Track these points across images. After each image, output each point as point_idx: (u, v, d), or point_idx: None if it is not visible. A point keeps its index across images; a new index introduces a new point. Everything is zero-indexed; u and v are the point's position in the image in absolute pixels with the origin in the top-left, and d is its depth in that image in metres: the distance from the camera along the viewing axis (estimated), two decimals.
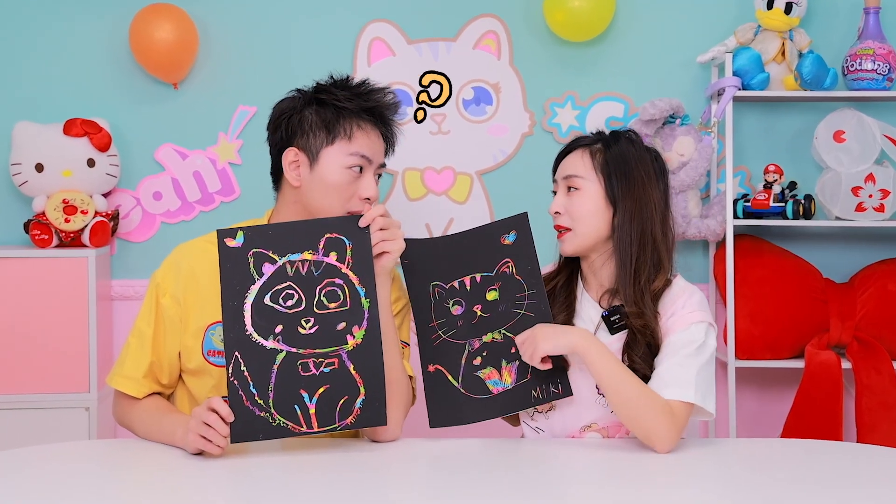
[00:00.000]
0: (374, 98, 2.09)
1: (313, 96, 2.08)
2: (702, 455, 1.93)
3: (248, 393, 1.85)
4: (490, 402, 2.01)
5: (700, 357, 1.97)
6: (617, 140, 2.08)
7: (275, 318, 1.88)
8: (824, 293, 3.22)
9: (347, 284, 1.92)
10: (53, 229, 3.10)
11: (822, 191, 3.18)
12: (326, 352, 1.89)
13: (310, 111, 2.06)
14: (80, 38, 3.28)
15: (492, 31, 3.30)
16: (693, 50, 3.29)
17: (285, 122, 2.08)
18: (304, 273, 1.91)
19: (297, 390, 1.87)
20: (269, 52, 3.30)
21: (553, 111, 3.31)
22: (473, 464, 1.88)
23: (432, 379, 2.04)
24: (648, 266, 2.02)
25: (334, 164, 2.04)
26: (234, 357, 1.86)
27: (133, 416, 2.07)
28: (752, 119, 3.35)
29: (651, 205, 2.04)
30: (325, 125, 2.05)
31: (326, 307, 1.90)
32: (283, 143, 2.08)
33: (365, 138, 2.06)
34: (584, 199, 2.05)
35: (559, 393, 2.00)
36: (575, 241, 2.06)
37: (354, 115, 2.06)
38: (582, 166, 2.06)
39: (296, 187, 2.07)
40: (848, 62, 3.15)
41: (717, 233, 3.18)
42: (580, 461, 1.92)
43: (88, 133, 3.11)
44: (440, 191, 3.32)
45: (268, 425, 1.85)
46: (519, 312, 2.03)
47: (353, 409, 1.88)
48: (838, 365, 3.11)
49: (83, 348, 3.06)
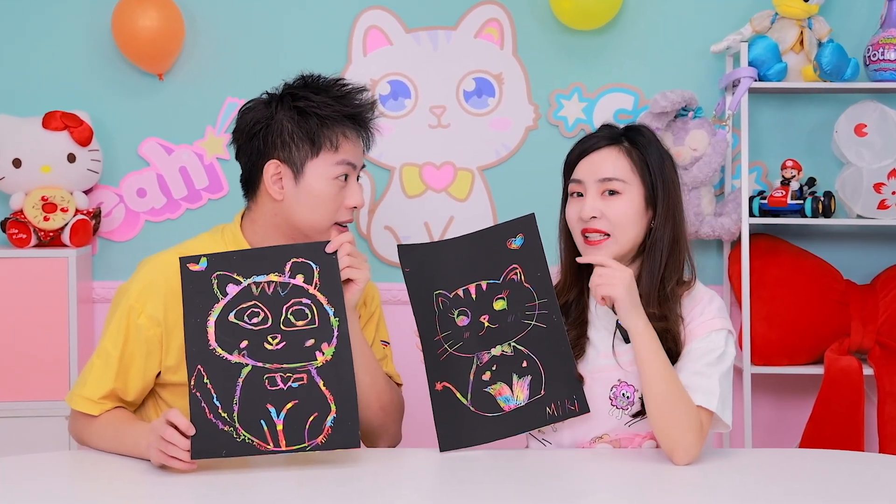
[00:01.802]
0: (354, 102, 2.09)
1: (290, 104, 2.07)
2: (716, 466, 1.93)
3: (211, 405, 1.85)
4: (502, 420, 1.99)
5: (721, 366, 1.97)
6: (643, 137, 2.06)
7: (239, 334, 1.90)
8: (845, 295, 3.21)
9: (315, 304, 1.93)
10: (32, 228, 3.09)
11: (843, 187, 3.17)
12: (295, 367, 1.89)
13: (288, 121, 2.05)
14: (60, 27, 3.27)
15: (494, 19, 3.29)
16: (706, 39, 3.28)
17: (261, 132, 2.07)
18: (270, 293, 1.92)
19: (264, 404, 1.86)
20: (259, 42, 3.30)
21: (559, 103, 3.30)
22: (482, 475, 1.88)
23: (440, 398, 2.01)
24: (675, 270, 2.03)
25: (321, 177, 2.05)
26: (196, 370, 1.87)
27: (91, 432, 2.04)
28: (769, 112, 3.34)
29: (681, 206, 2.06)
30: (308, 137, 2.04)
31: (294, 324, 1.92)
32: (260, 155, 2.07)
33: (350, 145, 2.08)
34: (627, 204, 2.02)
35: (576, 410, 1.98)
36: (613, 248, 2.02)
37: (337, 122, 2.06)
38: (620, 167, 2.03)
39: (278, 201, 2.07)
40: (870, 52, 3.15)
41: (731, 232, 3.18)
42: (592, 472, 1.93)
43: (69, 126, 3.10)
44: (440, 187, 3.31)
45: (232, 440, 1.84)
46: (529, 323, 2.01)
47: (323, 427, 1.86)
48: (860, 371, 3.11)
49: (63, 354, 3.05)
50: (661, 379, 1.91)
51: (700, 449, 1.91)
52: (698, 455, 1.92)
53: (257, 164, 2.08)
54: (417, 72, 3.30)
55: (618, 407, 2.02)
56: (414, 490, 1.85)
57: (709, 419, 1.93)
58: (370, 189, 3.29)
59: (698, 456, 1.92)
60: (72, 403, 2.06)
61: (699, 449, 1.91)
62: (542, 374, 1.99)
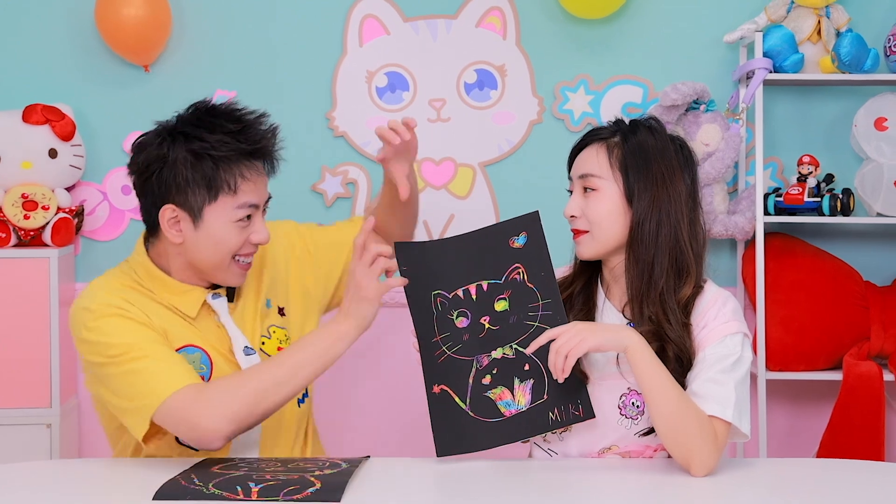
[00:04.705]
0: (252, 137, 2.07)
1: (183, 145, 2.04)
2: (730, 477, 1.92)
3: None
4: (502, 425, 1.99)
5: (736, 373, 1.96)
6: (635, 130, 2.05)
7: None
8: (864, 298, 3.21)
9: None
10: (11, 227, 3.10)
11: (862, 184, 3.17)
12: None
13: (182, 164, 2.04)
14: (40, 16, 3.27)
15: (497, 7, 3.29)
16: (719, 28, 3.28)
17: (156, 175, 2.05)
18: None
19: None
20: (250, 31, 3.30)
21: (564, 96, 3.30)
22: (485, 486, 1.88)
23: (437, 401, 2.01)
24: (668, 272, 2.00)
25: (220, 221, 2.06)
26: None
27: (213, 394, 1.95)
28: (785, 105, 3.34)
29: (675, 202, 2.02)
30: (204, 181, 2.04)
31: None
32: (156, 197, 2.07)
33: (250, 185, 2.07)
34: (602, 201, 2.02)
35: (580, 415, 1.98)
36: (592, 245, 2.04)
37: (234, 162, 2.05)
38: (597, 164, 2.04)
39: (178, 244, 2.08)
40: (891, 42, 3.15)
41: (745, 231, 3.18)
42: (601, 483, 1.94)
43: (50, 120, 3.11)
44: (439, 184, 3.32)
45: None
46: (532, 325, 2.00)
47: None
48: (880, 377, 3.11)
49: (44, 358, 3.06)
50: (666, 399, 1.89)
51: (717, 460, 1.90)
52: (716, 467, 1.91)
53: (154, 205, 2.08)
54: (416, 63, 3.30)
55: (627, 416, 2.01)
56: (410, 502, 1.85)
57: (724, 429, 1.92)
58: (366, 185, 3.29)
59: (716, 468, 1.91)
60: (152, 400, 1.95)
61: (716, 461, 1.90)
62: (545, 378, 1.99)
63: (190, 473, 1.85)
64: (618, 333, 1.92)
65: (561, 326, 1.93)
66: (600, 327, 1.95)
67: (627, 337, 1.91)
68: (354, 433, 3.22)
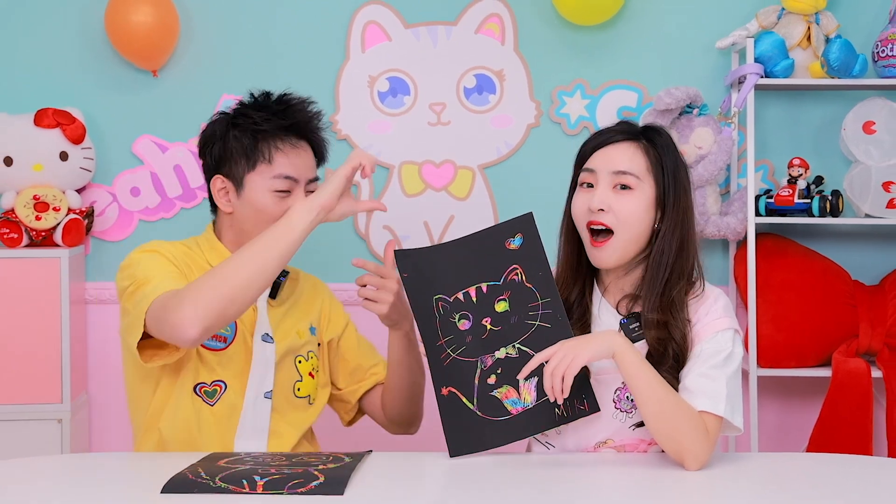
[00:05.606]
0: (291, 114, 2.22)
1: (231, 122, 2.23)
2: (722, 471, 1.93)
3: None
4: (510, 423, 2.00)
5: (728, 368, 1.98)
6: (661, 138, 2.06)
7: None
8: (853, 297, 3.22)
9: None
10: (23, 227, 3.10)
11: (851, 186, 3.18)
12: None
13: (231, 136, 2.20)
14: (52, 22, 3.28)
15: (495, 14, 3.30)
16: (712, 34, 3.29)
17: (210, 149, 2.24)
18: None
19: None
20: (255, 37, 3.30)
21: (561, 100, 3.31)
22: (486, 481, 1.89)
23: (447, 403, 2.02)
24: (679, 275, 2.03)
25: (259, 190, 2.19)
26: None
27: (190, 289, 2.00)
28: (776, 109, 3.35)
29: (692, 210, 2.06)
30: (244, 151, 2.19)
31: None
32: (210, 171, 2.24)
33: (285, 159, 2.20)
34: (636, 200, 2.02)
35: (586, 409, 1.99)
36: (615, 253, 2.02)
37: (271, 136, 2.19)
38: (635, 163, 2.04)
39: (229, 213, 2.22)
40: (878, 48, 3.16)
41: (737, 231, 3.18)
42: (598, 477, 1.93)
43: (61, 124, 3.11)
44: (440, 186, 3.32)
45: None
46: (533, 324, 2.01)
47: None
48: (868, 373, 3.11)
49: (55, 355, 3.06)
50: (654, 397, 1.90)
51: (710, 454, 1.91)
52: (708, 460, 1.92)
53: (209, 179, 2.25)
54: (417, 68, 3.31)
55: (622, 410, 2.03)
56: (418, 498, 1.84)
57: (716, 424, 1.93)
58: (369, 188, 3.30)
59: (708, 461, 1.92)
60: (145, 304, 2.02)
61: (709, 454, 1.91)
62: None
63: (197, 467, 1.87)
64: (604, 341, 1.92)
65: (549, 349, 1.92)
66: (586, 340, 1.93)
67: (613, 342, 1.92)
68: (355, 434, 3.21)
